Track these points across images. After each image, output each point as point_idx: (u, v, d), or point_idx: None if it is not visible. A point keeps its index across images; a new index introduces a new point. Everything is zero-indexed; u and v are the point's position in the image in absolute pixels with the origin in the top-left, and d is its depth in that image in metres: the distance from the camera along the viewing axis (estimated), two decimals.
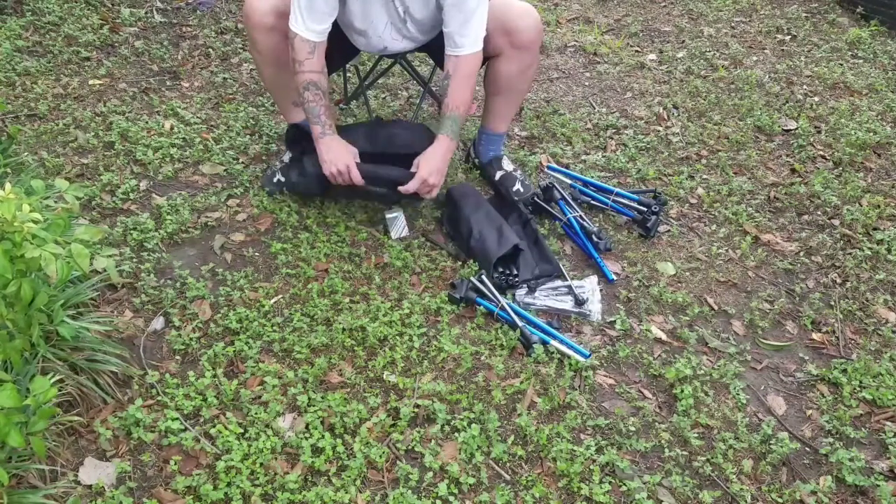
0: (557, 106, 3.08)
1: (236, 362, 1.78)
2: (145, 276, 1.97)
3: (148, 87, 2.91)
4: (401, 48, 2.24)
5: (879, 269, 2.29)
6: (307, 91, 2.02)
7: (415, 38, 2.19)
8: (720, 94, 3.25)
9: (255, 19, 2.05)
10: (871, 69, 3.58)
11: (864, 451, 1.72)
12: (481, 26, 2.02)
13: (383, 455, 1.57)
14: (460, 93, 2.07)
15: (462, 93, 2.07)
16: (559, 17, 3.99)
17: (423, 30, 2.16)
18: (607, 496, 1.53)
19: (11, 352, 1.30)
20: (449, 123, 2.09)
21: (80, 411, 1.58)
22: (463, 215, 2.19)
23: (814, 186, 2.64)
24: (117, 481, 1.50)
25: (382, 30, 2.11)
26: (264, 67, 2.18)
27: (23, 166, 2.26)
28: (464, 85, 2.06)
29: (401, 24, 2.11)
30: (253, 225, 2.23)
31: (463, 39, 2.01)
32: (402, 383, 1.74)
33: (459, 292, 1.97)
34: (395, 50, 2.24)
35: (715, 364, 1.91)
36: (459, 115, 2.09)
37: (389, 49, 2.21)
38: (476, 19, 2.00)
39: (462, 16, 1.98)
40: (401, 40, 2.18)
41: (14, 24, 3.12)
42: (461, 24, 1.99)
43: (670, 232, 2.38)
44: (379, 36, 2.13)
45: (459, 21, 1.98)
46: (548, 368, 1.82)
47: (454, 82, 2.05)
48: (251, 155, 2.55)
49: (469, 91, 2.09)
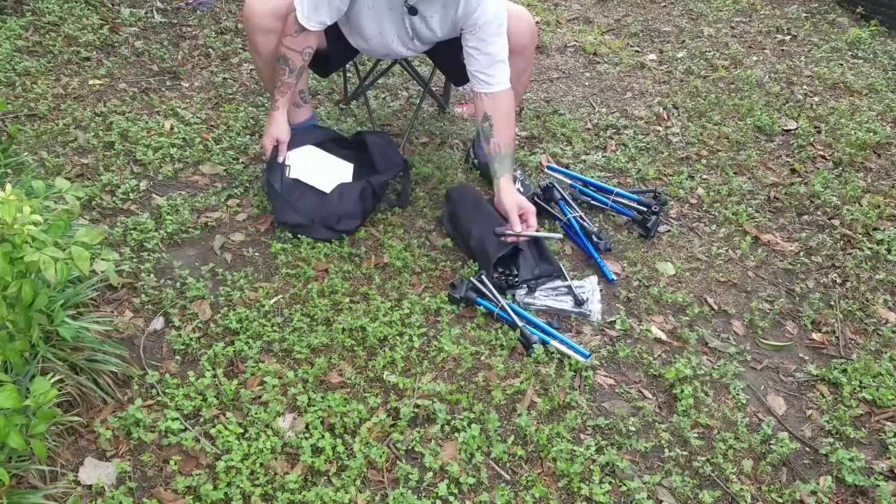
0: (557, 106, 3.08)
1: (236, 362, 1.78)
2: (145, 277, 1.97)
3: (148, 87, 2.91)
4: (403, 55, 2.27)
5: (879, 269, 2.29)
6: (278, 62, 2.09)
7: (418, 49, 2.24)
8: (720, 94, 3.25)
9: (254, 21, 2.06)
10: (871, 69, 3.58)
11: (864, 451, 1.72)
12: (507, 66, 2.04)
13: (383, 455, 1.57)
14: (507, 132, 2.11)
15: (508, 132, 2.12)
16: (559, 17, 3.99)
17: (427, 45, 2.20)
18: (607, 496, 1.53)
19: (11, 353, 1.30)
20: (508, 162, 2.13)
21: (80, 411, 1.58)
22: (463, 215, 2.19)
23: (814, 186, 2.64)
24: (117, 481, 1.50)
25: (390, 42, 2.14)
26: (264, 69, 2.19)
27: (23, 166, 2.26)
28: (509, 124, 2.11)
29: (408, 40, 2.15)
30: (253, 225, 2.23)
31: (491, 78, 2.04)
32: (402, 383, 1.74)
33: (459, 292, 1.97)
34: (397, 55, 2.27)
35: (715, 364, 1.91)
36: (510, 152, 2.14)
37: (392, 56, 2.24)
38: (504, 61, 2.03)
39: (487, 59, 2.01)
40: (405, 51, 2.23)
41: (14, 24, 3.12)
42: (487, 65, 2.02)
43: (670, 232, 2.39)
44: (386, 46, 2.16)
45: (485, 63, 2.02)
46: (548, 368, 1.82)
47: (499, 123, 2.08)
48: (251, 155, 2.55)
49: (513, 126, 2.14)
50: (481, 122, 2.11)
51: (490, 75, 2.03)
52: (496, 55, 2.00)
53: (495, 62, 2.01)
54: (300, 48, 2.05)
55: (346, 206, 2.13)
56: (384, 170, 2.25)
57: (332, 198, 2.14)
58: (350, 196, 2.14)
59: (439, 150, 2.69)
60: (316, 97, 2.97)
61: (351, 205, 2.14)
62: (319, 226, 2.12)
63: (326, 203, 2.13)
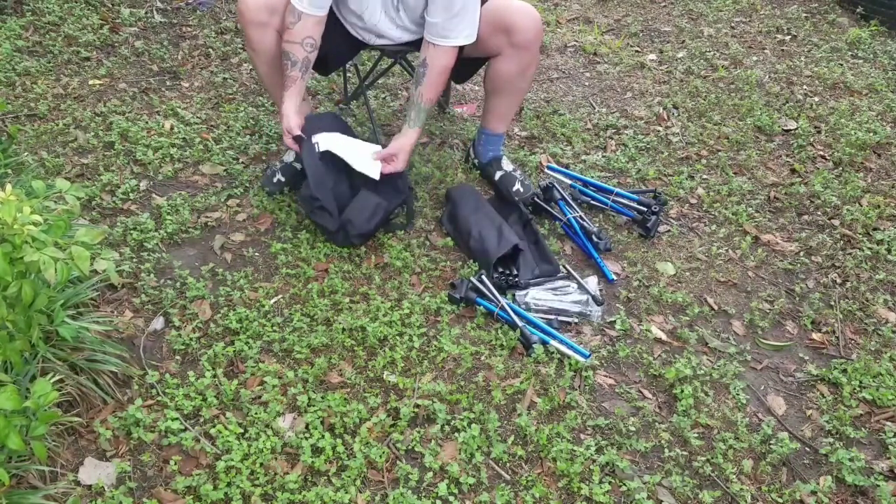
0: (557, 106, 3.08)
1: (236, 362, 1.78)
2: (145, 276, 1.97)
3: (148, 87, 2.91)
4: (396, 37, 2.23)
5: (879, 269, 2.29)
6: (282, 58, 2.09)
7: (408, 28, 2.20)
8: (720, 94, 3.25)
9: (248, 16, 2.05)
10: (871, 69, 3.58)
11: (864, 451, 1.72)
12: (469, 26, 2.03)
13: (383, 455, 1.58)
14: (436, 88, 2.13)
15: (437, 88, 2.13)
16: (559, 17, 3.99)
17: (415, 19, 2.16)
18: (607, 496, 1.53)
19: (12, 353, 1.30)
20: (422, 116, 2.15)
21: (79, 411, 1.58)
22: (462, 215, 2.19)
23: (814, 186, 2.64)
24: (117, 481, 1.50)
25: (378, 17, 2.13)
26: (260, 65, 2.18)
27: (23, 166, 2.26)
28: (440, 80, 2.12)
29: (394, 13, 2.13)
30: (253, 225, 2.23)
31: (446, 32, 2.02)
32: (402, 383, 1.74)
33: (459, 292, 1.97)
34: (391, 39, 2.23)
35: (715, 364, 1.91)
36: (429, 108, 2.16)
37: (385, 36, 2.21)
38: (463, 19, 2.01)
39: (447, 13, 1.99)
40: (395, 29, 2.19)
41: (14, 24, 3.12)
42: (446, 19, 2.00)
43: (670, 232, 2.39)
44: (375, 24, 2.14)
45: (444, 17, 2.00)
46: (548, 368, 1.82)
47: (431, 74, 2.08)
48: (251, 155, 2.55)
49: (442, 87, 2.16)
50: (418, 65, 2.12)
51: (447, 29, 2.02)
52: (455, 9, 1.98)
53: (453, 17, 1.99)
54: (299, 39, 2.04)
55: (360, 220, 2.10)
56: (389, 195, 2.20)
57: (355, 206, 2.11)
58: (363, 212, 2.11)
59: (439, 150, 2.69)
60: (316, 97, 2.97)
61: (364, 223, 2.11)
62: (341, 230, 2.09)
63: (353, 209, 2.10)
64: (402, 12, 2.12)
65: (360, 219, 2.09)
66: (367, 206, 2.11)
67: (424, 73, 2.08)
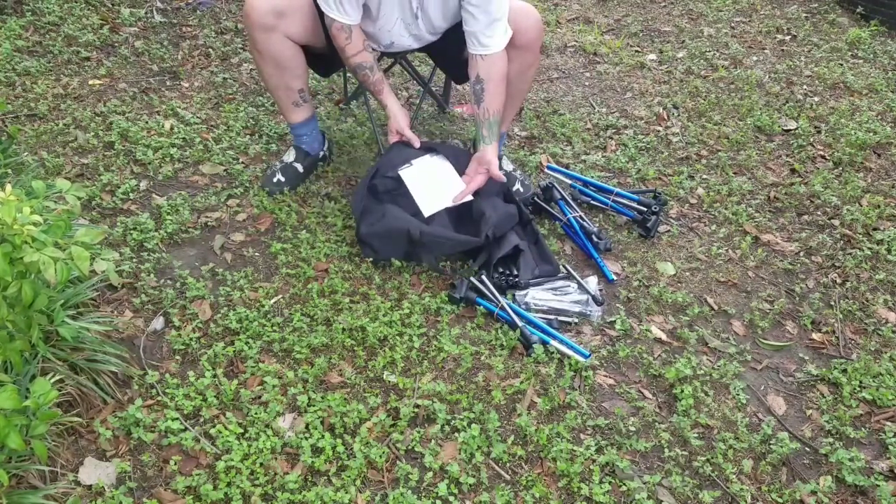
0: (557, 106, 3.08)
1: (236, 362, 1.78)
2: (145, 277, 1.97)
3: (148, 87, 2.91)
4: (406, 45, 2.23)
5: (879, 269, 2.29)
6: (357, 73, 2.15)
7: (421, 37, 2.19)
8: (720, 94, 3.25)
9: (254, 19, 2.05)
10: (871, 69, 3.58)
11: (864, 451, 1.72)
12: (505, 27, 2.03)
13: (383, 455, 1.58)
14: (499, 98, 2.10)
15: (500, 97, 2.10)
16: (559, 17, 3.99)
17: (430, 29, 2.16)
18: (607, 496, 1.53)
19: (11, 352, 1.30)
20: (494, 129, 2.13)
21: (79, 411, 1.58)
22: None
23: (814, 186, 2.64)
24: (117, 481, 1.50)
25: (393, 25, 2.12)
26: (264, 67, 2.18)
27: (23, 166, 2.26)
28: (501, 89, 2.09)
29: (411, 20, 2.12)
30: (253, 225, 2.23)
31: (489, 39, 2.02)
32: (402, 383, 1.74)
33: (459, 292, 1.97)
34: (400, 46, 2.24)
35: (715, 364, 1.91)
36: (498, 119, 2.13)
37: (395, 45, 2.21)
38: (502, 20, 2.01)
39: (487, 17, 1.98)
40: (407, 37, 2.18)
41: (14, 24, 3.12)
42: (486, 24, 1.99)
43: (670, 232, 2.39)
44: (388, 31, 2.14)
45: (485, 22, 1.99)
46: (548, 368, 1.82)
47: (491, 87, 2.06)
48: (251, 155, 2.55)
49: (504, 94, 2.12)
50: (473, 83, 2.09)
51: (489, 36, 2.01)
52: (495, 14, 1.98)
53: (494, 21, 1.99)
54: (362, 46, 2.09)
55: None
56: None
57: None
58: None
59: None
60: (316, 97, 2.97)
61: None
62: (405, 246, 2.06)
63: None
64: (420, 21, 2.12)
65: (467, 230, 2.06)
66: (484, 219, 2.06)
67: (483, 88, 2.07)
